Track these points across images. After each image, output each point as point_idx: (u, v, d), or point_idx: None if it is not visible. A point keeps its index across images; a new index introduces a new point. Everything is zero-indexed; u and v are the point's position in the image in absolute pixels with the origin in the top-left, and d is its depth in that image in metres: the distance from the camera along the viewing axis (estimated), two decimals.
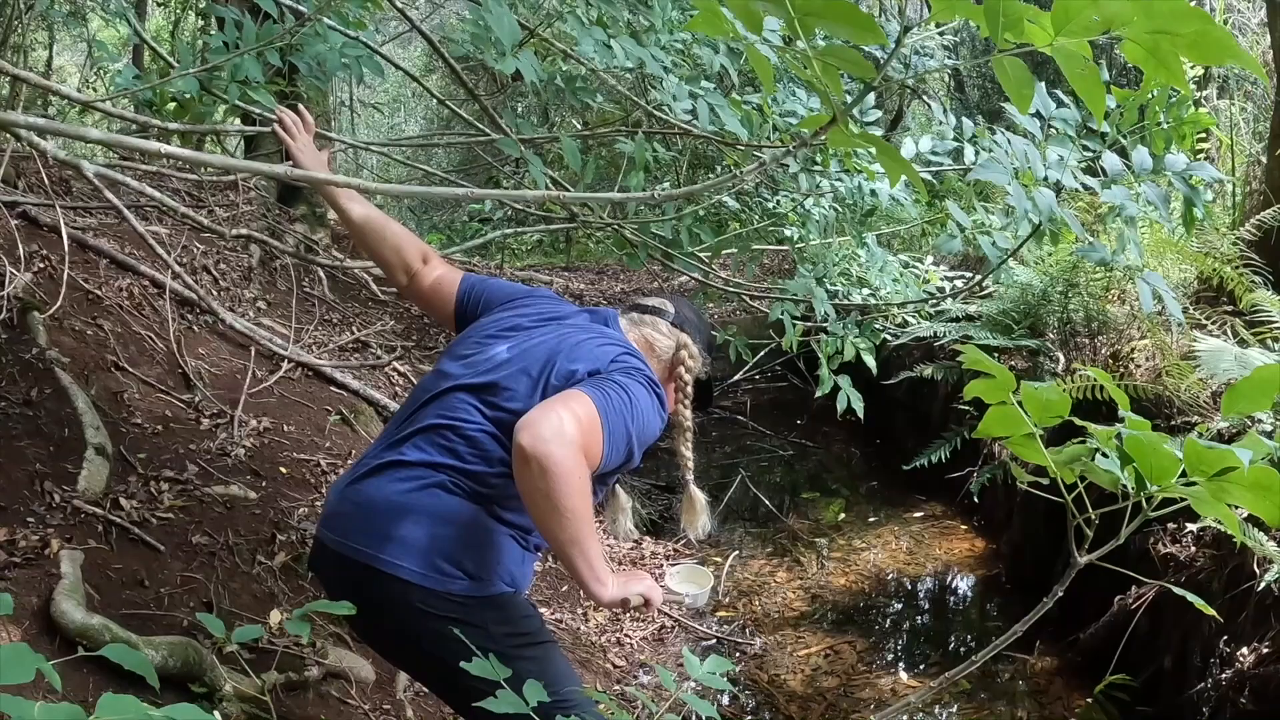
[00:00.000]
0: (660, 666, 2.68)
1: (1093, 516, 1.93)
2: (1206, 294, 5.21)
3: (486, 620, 2.54)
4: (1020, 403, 1.85)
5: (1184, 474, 1.71)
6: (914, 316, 5.80)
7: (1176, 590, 2.23)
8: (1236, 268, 4.89)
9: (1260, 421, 4.07)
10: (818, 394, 4.54)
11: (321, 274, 7.81)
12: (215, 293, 6.46)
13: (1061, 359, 5.68)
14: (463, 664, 2.10)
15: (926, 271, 6.25)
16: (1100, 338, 5.56)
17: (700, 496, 3.04)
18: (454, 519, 2.54)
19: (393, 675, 3.86)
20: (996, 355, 6.24)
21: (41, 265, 5.21)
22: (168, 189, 7.03)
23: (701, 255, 4.61)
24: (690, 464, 2.99)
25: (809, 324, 4.47)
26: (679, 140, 4.84)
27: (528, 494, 2.31)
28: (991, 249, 3.79)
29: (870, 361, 4.43)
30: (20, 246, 5.11)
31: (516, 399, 2.57)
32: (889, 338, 6.36)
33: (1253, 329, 4.69)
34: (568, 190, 4.00)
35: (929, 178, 4.31)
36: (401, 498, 2.56)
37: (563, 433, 2.26)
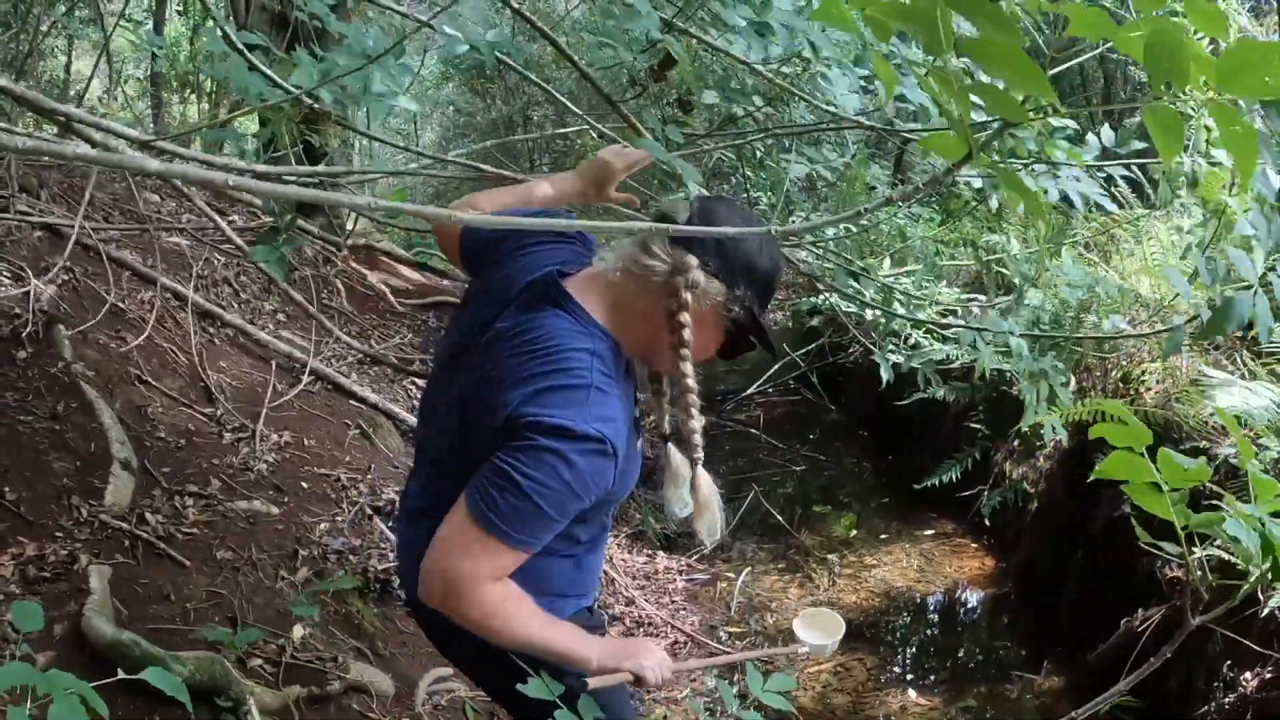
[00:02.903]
0: (723, 682, 2.60)
1: (1210, 580, 2.00)
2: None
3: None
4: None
5: None
6: (926, 338, 5.87)
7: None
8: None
9: (1267, 449, 4.13)
10: (1024, 424, 4.41)
11: (340, 286, 7.90)
12: (235, 305, 6.54)
13: (1072, 381, 5.73)
14: (517, 686, 2.12)
15: (939, 293, 6.33)
16: (1111, 360, 5.61)
17: (709, 485, 2.36)
18: None
19: (412, 689, 3.93)
20: (1009, 376, 6.30)
21: (65, 278, 5.29)
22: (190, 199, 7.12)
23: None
24: (699, 441, 2.34)
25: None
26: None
27: None
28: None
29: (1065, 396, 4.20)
30: (44, 259, 5.20)
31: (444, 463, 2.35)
32: (899, 359, 6.43)
33: (1260, 359, 4.74)
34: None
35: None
36: None
37: (448, 587, 2.12)
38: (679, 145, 3.15)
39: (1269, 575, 1.81)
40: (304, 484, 4.80)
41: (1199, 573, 1.85)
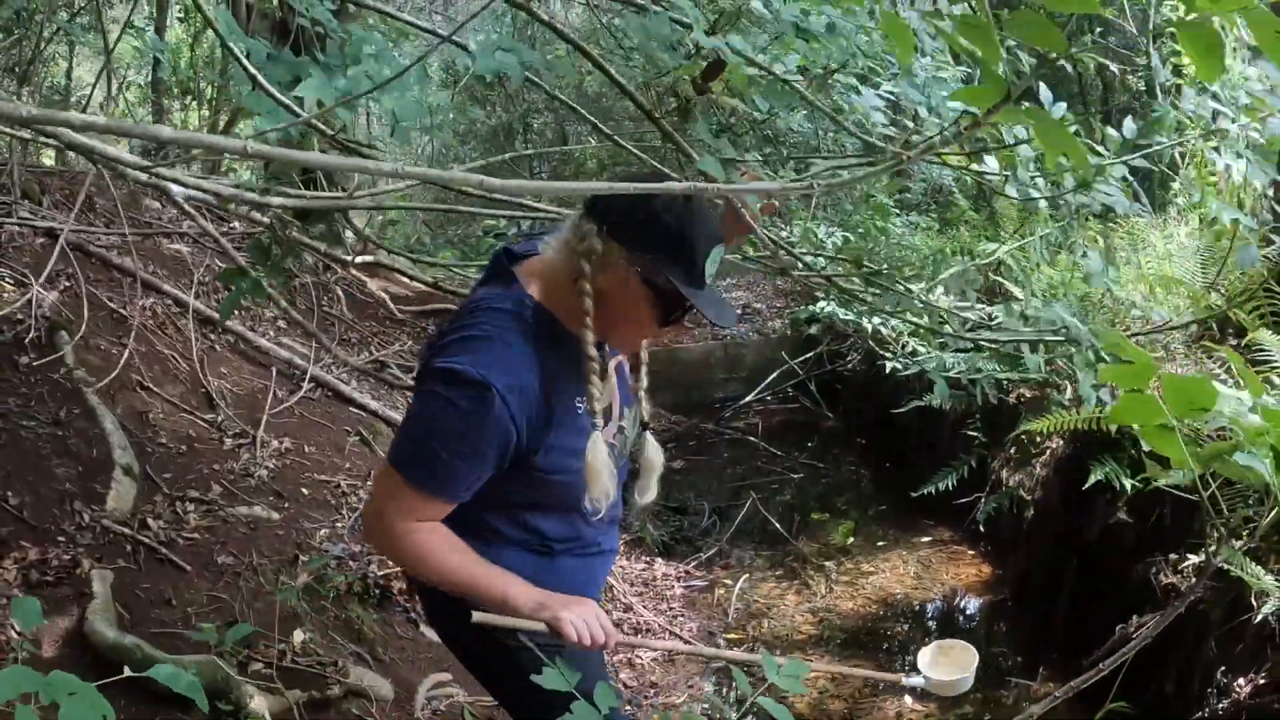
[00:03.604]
0: (736, 670, 2.37)
1: (1226, 515, 1.94)
2: (1210, 331, 5.28)
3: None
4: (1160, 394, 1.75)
5: None
6: (924, 346, 5.89)
7: None
8: (1240, 304, 4.97)
9: None
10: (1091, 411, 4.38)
11: (340, 293, 7.93)
12: (236, 311, 6.57)
13: (1070, 389, 5.76)
14: (533, 677, 2.11)
15: (937, 300, 6.35)
16: None
17: (601, 454, 2.27)
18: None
19: (411, 694, 3.96)
20: (1005, 385, 6.33)
21: (67, 284, 5.32)
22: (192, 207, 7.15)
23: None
24: (598, 406, 2.27)
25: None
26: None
27: None
28: None
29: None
30: (46, 265, 5.23)
31: None
32: (898, 366, 6.46)
33: (1255, 367, 4.77)
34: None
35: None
36: None
37: (370, 522, 2.35)
38: (732, 161, 3.09)
39: None
40: (304, 490, 4.83)
41: (1216, 518, 1.81)
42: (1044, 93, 3.17)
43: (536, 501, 2.35)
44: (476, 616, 2.26)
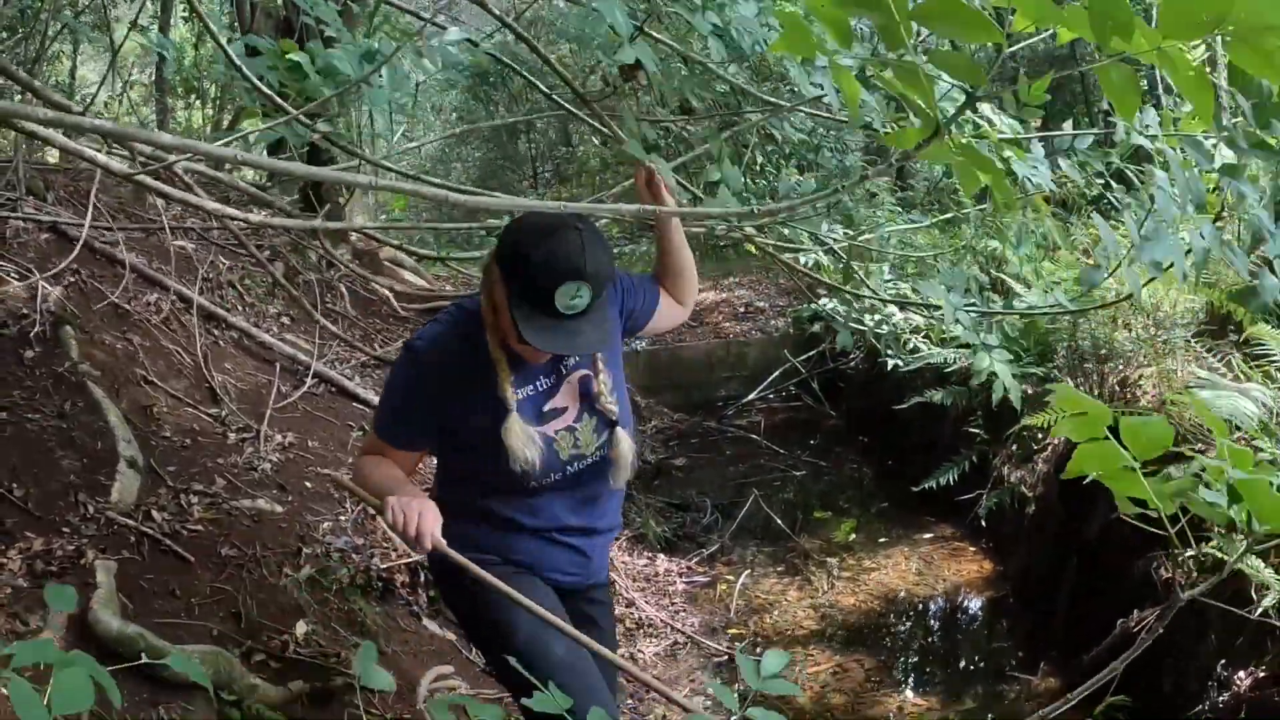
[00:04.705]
0: (720, 686, 2.43)
1: (1195, 551, 1.94)
2: (1211, 326, 5.30)
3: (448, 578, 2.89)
4: (1117, 436, 1.77)
5: None
6: (924, 343, 5.91)
7: None
8: (1236, 300, 4.98)
9: (1261, 451, 4.17)
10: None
11: (343, 290, 7.95)
12: (240, 307, 6.59)
13: (1070, 386, 5.77)
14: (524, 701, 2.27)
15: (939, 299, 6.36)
16: (1108, 365, 5.65)
17: (515, 431, 2.66)
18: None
19: (413, 686, 3.97)
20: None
21: (72, 279, 5.34)
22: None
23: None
24: (507, 394, 2.67)
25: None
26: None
27: None
28: None
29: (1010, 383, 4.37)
30: (51, 260, 5.25)
31: None
32: (899, 363, 6.48)
33: (1254, 361, 4.79)
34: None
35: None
36: None
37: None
38: (656, 140, 3.40)
39: (1246, 528, 1.81)
40: (307, 483, 4.85)
41: (1183, 548, 1.81)
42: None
43: (483, 479, 2.76)
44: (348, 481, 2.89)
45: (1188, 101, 1.52)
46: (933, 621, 5.97)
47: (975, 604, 6.05)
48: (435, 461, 3.02)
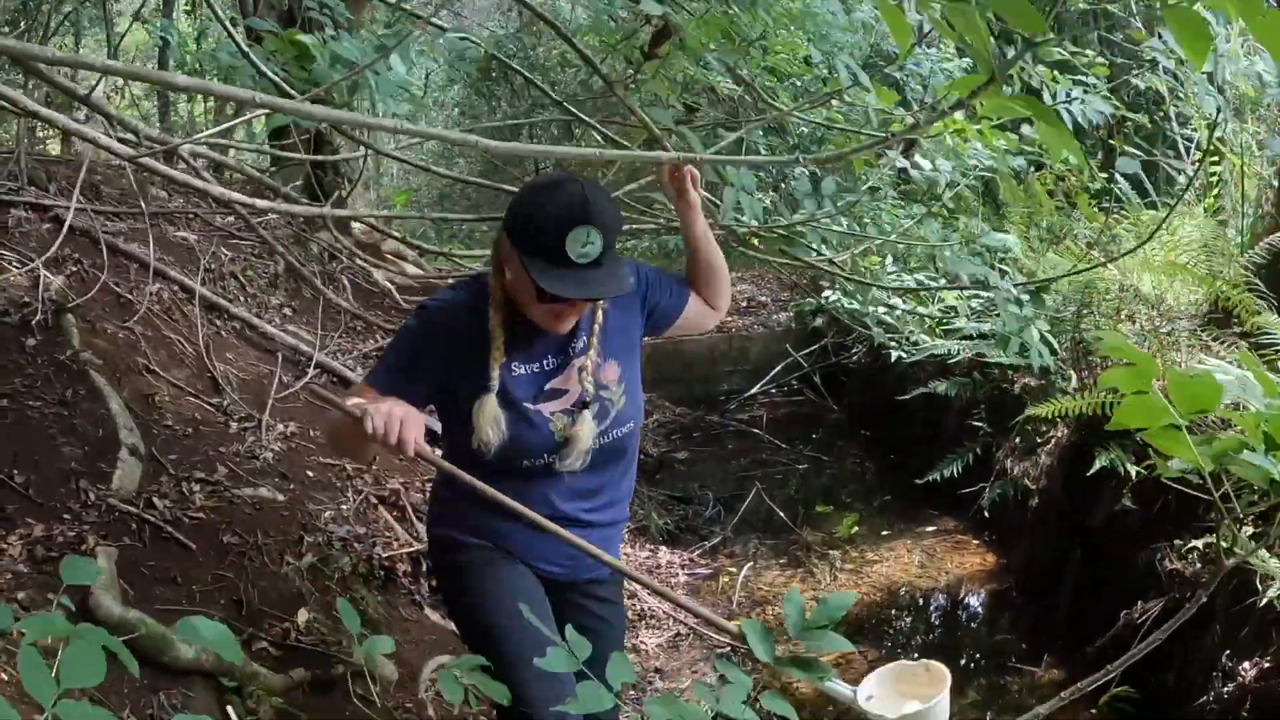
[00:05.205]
0: (729, 664, 2.27)
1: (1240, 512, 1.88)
2: (1216, 316, 5.28)
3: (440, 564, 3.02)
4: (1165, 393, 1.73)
5: None
6: (928, 335, 5.91)
7: None
8: (1243, 291, 4.97)
9: None
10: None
11: (346, 282, 7.93)
12: (242, 298, 6.58)
13: (1074, 377, 5.76)
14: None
15: (940, 290, 6.36)
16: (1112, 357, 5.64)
17: (487, 411, 2.67)
18: None
19: (415, 673, 3.97)
20: (1010, 373, 6.33)
21: (74, 269, 5.33)
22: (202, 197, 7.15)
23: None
24: (495, 380, 2.68)
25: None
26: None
27: None
28: None
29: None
30: (53, 250, 5.23)
31: None
32: (904, 355, 6.47)
33: (1259, 351, 4.77)
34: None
35: None
36: None
37: None
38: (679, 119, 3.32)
39: None
40: (309, 472, 4.84)
41: (1231, 520, 1.76)
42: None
43: (476, 456, 2.69)
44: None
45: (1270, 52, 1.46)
46: (935, 614, 5.97)
47: (978, 597, 6.04)
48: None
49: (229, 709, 3.36)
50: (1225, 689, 4.05)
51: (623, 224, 2.73)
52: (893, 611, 5.84)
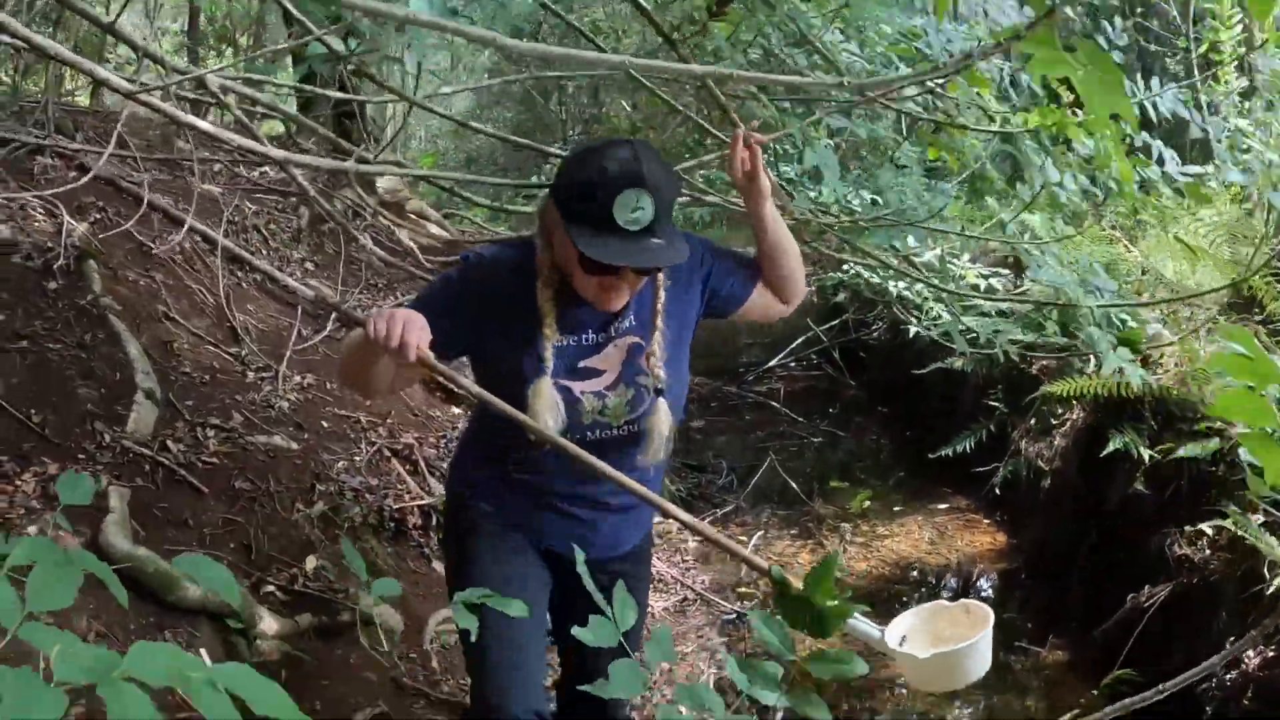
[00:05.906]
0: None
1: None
2: (1238, 303, 5.26)
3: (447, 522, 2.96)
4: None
5: None
6: (948, 311, 5.87)
7: None
8: (1264, 277, 4.94)
9: None
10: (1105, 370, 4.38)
11: (369, 239, 7.94)
12: (265, 251, 6.61)
13: (1093, 359, 5.74)
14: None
15: (963, 269, 6.33)
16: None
17: (544, 395, 2.49)
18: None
19: (421, 625, 4.00)
20: (1028, 352, 6.31)
21: (98, 216, 5.36)
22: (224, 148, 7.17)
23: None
24: (549, 363, 2.52)
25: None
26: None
27: None
28: None
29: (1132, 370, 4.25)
30: (77, 198, 5.26)
31: None
32: (923, 331, 6.44)
33: (1277, 338, 4.75)
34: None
35: None
36: None
37: None
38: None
39: None
40: (324, 423, 4.87)
41: None
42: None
43: (501, 424, 2.50)
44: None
45: None
46: (943, 591, 5.96)
47: (987, 576, 6.04)
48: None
49: (235, 650, 3.40)
50: (1229, 675, 4.04)
51: (679, 190, 2.58)
52: (901, 586, 5.84)
